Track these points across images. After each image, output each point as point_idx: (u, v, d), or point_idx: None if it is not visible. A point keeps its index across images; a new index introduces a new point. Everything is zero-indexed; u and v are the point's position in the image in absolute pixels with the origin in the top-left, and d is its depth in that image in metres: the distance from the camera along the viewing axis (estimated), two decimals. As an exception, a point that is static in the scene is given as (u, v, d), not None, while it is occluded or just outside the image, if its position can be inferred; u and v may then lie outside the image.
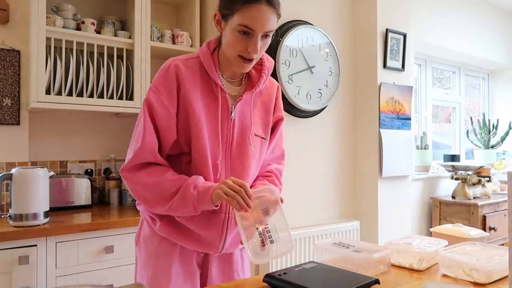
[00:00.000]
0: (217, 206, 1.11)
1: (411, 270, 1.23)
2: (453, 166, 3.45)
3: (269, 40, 1.16)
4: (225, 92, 1.19)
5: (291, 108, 2.37)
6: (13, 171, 1.77)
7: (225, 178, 1.19)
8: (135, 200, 1.25)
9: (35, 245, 1.73)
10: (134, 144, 1.16)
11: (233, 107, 1.21)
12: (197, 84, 1.17)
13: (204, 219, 1.18)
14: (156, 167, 1.15)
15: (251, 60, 1.15)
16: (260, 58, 1.25)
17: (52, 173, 1.90)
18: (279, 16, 1.15)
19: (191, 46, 2.50)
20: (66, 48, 2.11)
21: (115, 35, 2.28)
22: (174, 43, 2.47)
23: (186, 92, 1.15)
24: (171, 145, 1.18)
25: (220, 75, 1.21)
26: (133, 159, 1.14)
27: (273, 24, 1.13)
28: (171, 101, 1.14)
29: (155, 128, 1.14)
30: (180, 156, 1.20)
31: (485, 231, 2.72)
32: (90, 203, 2.24)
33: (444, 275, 1.18)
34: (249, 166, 1.23)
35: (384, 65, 2.68)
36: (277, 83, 1.36)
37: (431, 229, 1.54)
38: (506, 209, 3.37)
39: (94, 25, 2.21)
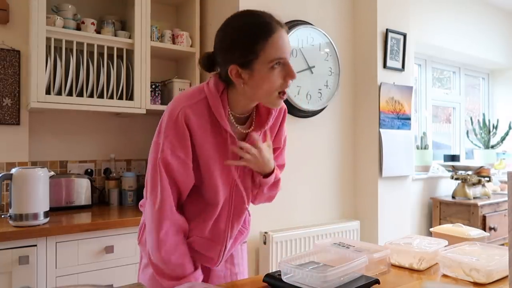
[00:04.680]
0: None
1: (411, 270, 1.23)
2: (453, 166, 3.45)
3: None
4: (234, 138, 1.15)
5: (291, 108, 2.37)
6: (13, 171, 1.77)
7: (230, 214, 1.22)
8: (136, 200, 1.25)
9: (35, 245, 1.73)
10: (154, 201, 1.13)
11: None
12: (207, 130, 1.12)
13: (204, 244, 1.22)
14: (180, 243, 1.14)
15: (285, 93, 1.12)
16: None
17: (52, 173, 1.90)
18: None
19: (191, 46, 2.50)
20: (66, 48, 2.11)
21: (115, 35, 2.27)
22: (174, 43, 2.47)
23: (196, 140, 1.12)
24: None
25: (230, 114, 1.16)
26: (160, 215, 1.12)
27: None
28: (187, 152, 1.11)
29: (173, 182, 1.12)
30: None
31: (485, 231, 2.72)
32: (90, 203, 2.24)
33: (444, 275, 1.18)
34: (248, 198, 1.26)
35: (384, 65, 2.68)
36: (284, 106, 1.28)
37: (431, 229, 1.54)
38: (506, 209, 3.36)
39: (94, 25, 2.20)
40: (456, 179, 3.39)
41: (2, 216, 1.82)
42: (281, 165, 1.37)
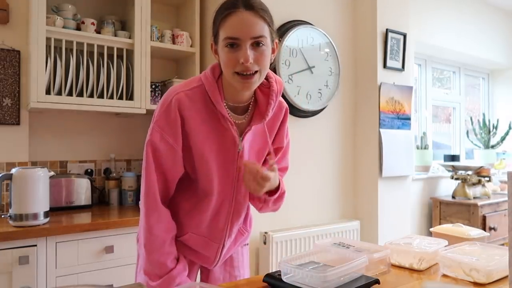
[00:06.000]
0: None
1: (411, 270, 1.23)
2: (453, 166, 3.45)
3: (264, 49, 1.05)
4: (232, 124, 1.13)
5: (291, 108, 2.36)
6: (13, 171, 1.77)
7: (230, 209, 1.21)
8: (136, 200, 1.26)
9: (35, 245, 1.73)
10: (142, 187, 1.15)
11: (241, 139, 1.16)
12: (202, 117, 1.11)
13: (200, 242, 1.22)
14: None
15: (249, 75, 1.04)
16: (268, 81, 1.17)
17: (52, 173, 1.90)
18: (267, 21, 1.06)
19: (191, 46, 2.49)
20: (66, 48, 2.11)
21: (115, 35, 2.27)
22: (174, 43, 2.47)
23: (190, 128, 1.10)
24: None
25: (225, 104, 1.13)
26: (145, 204, 1.14)
27: (260, 29, 1.04)
28: (176, 138, 1.10)
29: (160, 168, 1.11)
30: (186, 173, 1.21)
31: (485, 231, 2.72)
32: (90, 203, 2.24)
33: (444, 275, 1.18)
34: (247, 195, 1.26)
35: (384, 65, 2.68)
36: (286, 105, 1.27)
37: (431, 229, 1.54)
38: (506, 209, 3.36)
39: (94, 25, 2.20)
40: (456, 179, 3.39)
41: (2, 216, 1.82)
42: (285, 168, 1.36)
